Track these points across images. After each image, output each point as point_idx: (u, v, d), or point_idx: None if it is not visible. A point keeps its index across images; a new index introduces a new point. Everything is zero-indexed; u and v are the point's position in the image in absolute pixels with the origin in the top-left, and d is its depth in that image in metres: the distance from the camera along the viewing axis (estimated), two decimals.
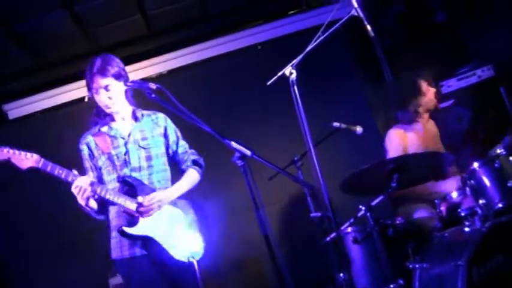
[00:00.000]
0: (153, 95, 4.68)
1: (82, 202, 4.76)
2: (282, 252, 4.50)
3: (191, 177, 5.33)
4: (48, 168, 4.73)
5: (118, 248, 4.99)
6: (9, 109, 8.05)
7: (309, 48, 4.84)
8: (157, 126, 5.28)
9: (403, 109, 6.55)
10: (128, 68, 7.87)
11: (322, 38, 4.82)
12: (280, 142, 7.76)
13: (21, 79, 8.06)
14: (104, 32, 7.69)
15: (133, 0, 7.34)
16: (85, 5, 7.10)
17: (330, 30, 4.80)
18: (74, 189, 4.72)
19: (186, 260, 4.79)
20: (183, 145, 5.41)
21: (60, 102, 8.09)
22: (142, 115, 5.27)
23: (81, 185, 4.71)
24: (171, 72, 8.23)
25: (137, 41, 8.01)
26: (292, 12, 8.42)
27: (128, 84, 4.98)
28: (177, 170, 5.37)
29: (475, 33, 8.11)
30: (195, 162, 5.40)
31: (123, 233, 4.83)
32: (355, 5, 4.88)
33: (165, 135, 5.31)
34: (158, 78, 8.08)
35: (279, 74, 4.86)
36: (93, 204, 4.86)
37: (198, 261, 4.69)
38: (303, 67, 4.76)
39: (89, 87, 5.09)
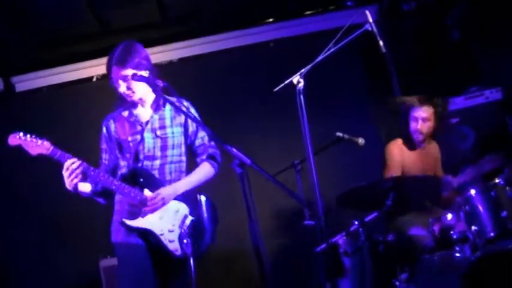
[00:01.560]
0: (159, 92, 4.76)
1: (69, 186, 4.71)
2: (271, 257, 4.47)
3: (203, 171, 5.23)
4: (57, 155, 4.69)
5: (115, 232, 4.96)
6: (17, 82, 8.09)
7: (319, 58, 4.83)
8: (179, 115, 5.18)
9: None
10: None
11: (333, 50, 4.82)
12: (282, 142, 7.80)
13: (32, 54, 8.06)
14: (117, 15, 7.68)
15: None
16: None
17: (342, 43, 4.78)
18: (64, 172, 4.65)
19: (183, 256, 4.83)
20: (202, 137, 5.27)
21: (68, 80, 8.15)
22: (165, 103, 5.14)
23: (71, 167, 4.64)
24: (182, 60, 8.25)
25: (150, 27, 7.98)
26: (308, 12, 8.40)
27: (135, 78, 4.87)
28: (194, 162, 5.29)
29: (488, 54, 8.08)
30: (211, 156, 5.30)
31: (123, 224, 4.81)
32: (370, 19, 4.86)
33: (185, 125, 5.21)
34: (168, 65, 8.12)
35: (287, 81, 4.81)
36: (85, 187, 4.84)
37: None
38: (311, 74, 4.73)
39: (109, 75, 5.00)
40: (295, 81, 4.72)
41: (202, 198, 5.19)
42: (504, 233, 5.24)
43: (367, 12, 4.87)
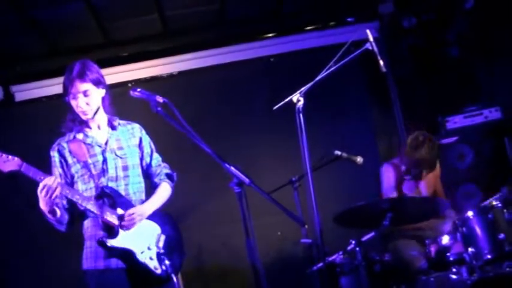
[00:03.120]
0: (158, 108, 4.59)
1: (45, 206, 4.62)
2: (267, 275, 4.47)
3: (165, 192, 5.24)
4: (30, 174, 4.59)
5: (91, 258, 4.84)
6: (16, 91, 8.08)
7: (319, 77, 4.85)
8: (133, 137, 5.18)
9: None
10: (140, 65, 7.95)
11: (333, 68, 4.85)
12: (281, 158, 7.77)
13: (32, 63, 8.05)
14: (119, 26, 7.68)
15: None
16: None
17: (342, 62, 4.83)
18: (40, 191, 4.53)
19: (164, 274, 4.81)
20: (157, 158, 5.31)
21: None
22: (119, 124, 5.16)
23: (49, 184, 4.52)
24: (182, 73, 8.21)
25: (151, 39, 8.00)
26: (308, 28, 8.40)
27: (136, 93, 4.71)
28: (149, 183, 5.26)
29: (488, 71, 8.10)
30: (168, 176, 5.32)
31: (102, 244, 4.72)
32: (371, 38, 4.88)
33: (140, 147, 5.20)
34: (168, 78, 8.08)
35: (287, 99, 4.87)
36: (56, 211, 4.74)
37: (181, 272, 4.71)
38: (311, 90, 4.78)
39: (67, 92, 4.96)
40: (294, 99, 4.78)
41: (166, 215, 5.21)
42: (501, 255, 5.26)
43: (368, 31, 4.91)
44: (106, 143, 5.02)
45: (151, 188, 5.25)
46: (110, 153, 4.99)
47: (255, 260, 4.30)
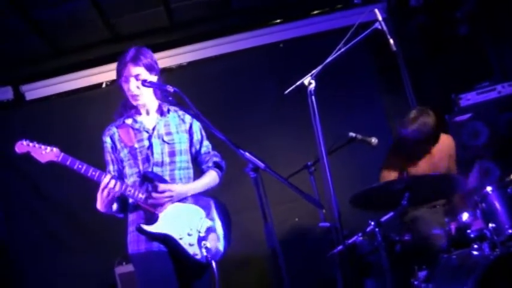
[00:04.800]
0: (170, 98, 4.68)
1: (103, 205, 4.75)
2: (286, 260, 4.47)
3: (211, 177, 5.23)
4: (68, 162, 4.67)
5: (135, 243, 4.88)
6: (26, 90, 8.08)
7: (329, 59, 4.79)
8: (183, 123, 5.18)
9: None
10: None
11: (343, 50, 4.79)
12: (295, 144, 7.79)
13: (40, 62, 8.07)
14: (125, 21, 7.66)
15: None
16: None
17: (352, 43, 4.74)
18: (101, 191, 4.66)
19: (204, 260, 4.79)
20: (207, 145, 5.30)
21: (77, 87, 8.14)
22: (169, 110, 5.16)
23: (109, 186, 4.64)
24: (191, 64, 8.21)
25: (158, 32, 7.99)
26: (315, 12, 8.37)
27: (146, 84, 4.87)
28: (197, 170, 5.25)
29: (498, 48, 8.04)
30: (216, 164, 5.31)
31: (141, 231, 4.76)
32: (379, 18, 4.82)
33: (190, 133, 5.20)
34: (178, 69, 8.08)
35: (298, 83, 4.78)
36: (113, 206, 4.87)
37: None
38: (322, 74, 4.69)
39: (120, 75, 4.99)
40: (306, 82, 4.69)
41: (216, 202, 5.19)
42: None
43: (376, 10, 4.84)
44: (154, 129, 5.04)
45: (199, 175, 5.23)
46: (156, 138, 5.01)
47: (275, 244, 4.25)
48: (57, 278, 7.76)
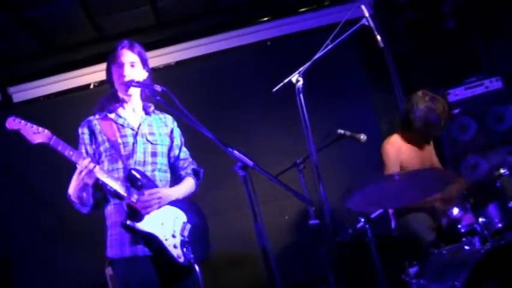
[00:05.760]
0: (157, 97, 4.66)
1: (76, 189, 4.68)
2: (278, 258, 4.47)
3: (189, 185, 5.21)
4: (59, 147, 4.60)
5: (117, 246, 4.80)
6: (14, 92, 8.04)
7: (317, 56, 4.82)
8: (165, 126, 5.17)
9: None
10: None
11: (330, 46, 4.81)
12: (283, 142, 7.77)
13: (28, 63, 8.01)
14: (112, 20, 7.61)
15: None
16: None
17: (339, 40, 4.79)
18: (79, 172, 4.59)
19: (187, 263, 4.74)
20: (185, 151, 5.31)
21: (65, 88, 8.09)
22: (153, 111, 5.15)
23: (88, 166, 4.56)
24: (179, 63, 8.18)
25: (145, 31, 7.92)
26: (302, 10, 8.35)
27: (134, 84, 4.86)
28: (174, 176, 5.23)
29: (486, 42, 8.06)
30: (194, 172, 5.31)
31: (126, 227, 4.68)
32: (366, 14, 4.85)
33: (171, 137, 5.19)
34: (166, 68, 8.04)
35: (285, 81, 4.85)
36: (83, 194, 4.76)
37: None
38: (310, 71, 4.75)
39: (113, 60, 4.97)
40: (294, 80, 4.75)
41: (193, 205, 5.17)
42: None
43: (363, 7, 4.88)
44: (138, 127, 5.01)
45: (175, 181, 5.20)
46: (140, 137, 4.98)
47: (265, 243, 4.25)
48: (49, 277, 7.73)
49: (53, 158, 4.72)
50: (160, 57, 8.06)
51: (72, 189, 4.74)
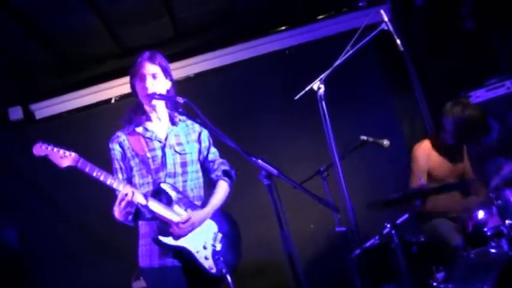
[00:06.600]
0: (180, 109, 4.72)
1: (121, 214, 4.74)
2: (304, 267, 4.48)
3: (223, 191, 5.21)
4: (87, 169, 4.61)
5: (147, 256, 4.86)
6: (36, 109, 8.03)
7: (337, 62, 4.82)
8: (193, 132, 5.17)
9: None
10: None
11: (351, 52, 4.81)
12: (306, 150, 7.74)
13: (49, 79, 8.01)
14: (131, 33, 7.60)
15: (161, 3, 7.22)
16: (112, 7, 6.96)
17: (359, 45, 4.79)
18: (119, 202, 4.64)
19: (219, 274, 4.79)
20: (214, 152, 5.29)
21: (87, 103, 8.08)
22: (180, 120, 5.15)
23: (128, 197, 4.61)
24: (198, 75, 8.15)
25: (164, 43, 7.87)
26: (320, 17, 8.30)
27: (156, 97, 4.87)
28: (207, 178, 5.24)
29: (506, 42, 8.00)
30: (225, 173, 5.29)
31: (158, 242, 4.74)
32: (386, 18, 4.84)
33: (199, 140, 5.18)
34: (185, 81, 7.99)
35: (307, 88, 4.84)
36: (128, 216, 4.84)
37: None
38: (329, 79, 4.76)
39: (135, 74, 4.99)
40: (315, 87, 4.74)
41: (225, 214, 5.19)
42: None
43: (382, 11, 4.87)
44: (166, 138, 5.01)
45: (208, 183, 5.23)
46: (169, 148, 4.98)
47: (292, 251, 4.21)
48: None
49: (75, 170, 4.70)
50: (180, 70, 8.00)
51: (116, 214, 4.80)
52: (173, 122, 5.12)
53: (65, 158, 4.62)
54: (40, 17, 6.79)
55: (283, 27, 8.27)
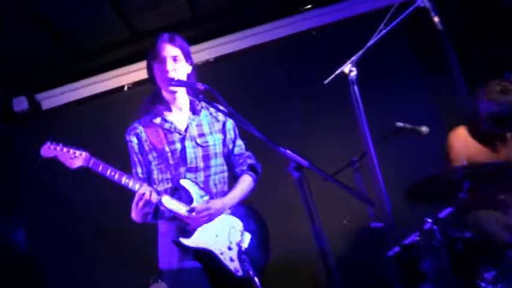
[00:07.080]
0: (200, 96, 4.40)
1: (139, 215, 4.54)
2: (336, 264, 4.24)
3: (246, 184, 4.91)
4: (100, 169, 4.42)
5: (166, 257, 4.64)
6: (42, 99, 7.81)
7: (370, 42, 4.44)
8: (216, 121, 4.87)
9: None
10: None
11: (384, 31, 4.42)
12: (336, 139, 7.45)
13: (55, 67, 7.74)
14: (143, 18, 7.27)
15: None
16: None
17: (393, 23, 4.39)
18: (136, 203, 4.45)
19: (246, 276, 4.49)
20: (240, 145, 4.98)
21: (97, 92, 7.84)
22: (202, 107, 4.84)
23: (146, 197, 4.42)
24: (219, 58, 7.83)
25: (181, 26, 7.48)
26: None
27: (173, 83, 4.56)
28: (231, 172, 4.96)
29: None
30: (251, 167, 4.99)
31: (178, 244, 4.47)
32: None
33: (223, 131, 4.87)
34: (204, 65, 7.66)
35: (337, 71, 4.44)
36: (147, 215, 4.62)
37: None
38: (360, 61, 4.40)
39: (154, 56, 4.68)
40: (346, 70, 4.39)
41: (252, 210, 4.88)
42: None
43: None
44: (186, 130, 4.71)
45: (233, 177, 4.96)
46: (189, 141, 4.70)
47: (324, 246, 3.93)
48: None
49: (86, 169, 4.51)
50: (199, 53, 7.66)
51: (134, 215, 4.60)
52: (194, 111, 4.80)
53: (76, 159, 4.48)
54: (49, 4, 6.51)
55: (308, 6, 7.85)
